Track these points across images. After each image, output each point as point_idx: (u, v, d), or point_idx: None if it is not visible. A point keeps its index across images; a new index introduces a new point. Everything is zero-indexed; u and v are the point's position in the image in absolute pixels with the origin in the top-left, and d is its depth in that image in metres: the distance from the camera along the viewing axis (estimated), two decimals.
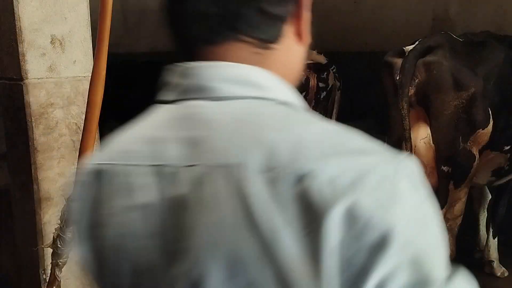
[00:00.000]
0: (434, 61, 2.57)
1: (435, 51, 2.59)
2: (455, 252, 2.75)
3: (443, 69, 2.54)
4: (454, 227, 2.75)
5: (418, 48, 2.61)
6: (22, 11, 2.09)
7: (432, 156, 2.65)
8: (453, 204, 2.69)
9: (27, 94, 2.16)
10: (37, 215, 2.24)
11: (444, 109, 2.56)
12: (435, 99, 2.58)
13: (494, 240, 3.48)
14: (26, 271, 2.44)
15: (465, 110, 2.54)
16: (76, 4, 2.24)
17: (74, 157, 2.16)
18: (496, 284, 3.45)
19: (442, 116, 2.57)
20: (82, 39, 2.28)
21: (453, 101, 2.53)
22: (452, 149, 2.60)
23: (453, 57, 2.58)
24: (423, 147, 2.66)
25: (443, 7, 5.14)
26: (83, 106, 1.82)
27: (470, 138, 2.58)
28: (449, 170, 2.62)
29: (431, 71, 2.56)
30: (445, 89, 2.54)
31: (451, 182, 2.65)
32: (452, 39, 2.73)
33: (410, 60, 2.58)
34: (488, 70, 2.61)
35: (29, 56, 2.13)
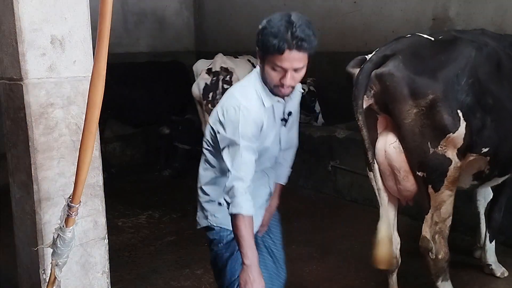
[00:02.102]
0: (385, 73, 2.49)
1: (389, 61, 2.51)
2: (448, 253, 2.74)
3: (396, 80, 2.47)
4: (445, 229, 2.72)
5: (373, 59, 2.56)
6: (22, 11, 2.09)
7: (404, 159, 2.61)
8: (438, 207, 2.66)
9: (27, 94, 2.16)
10: (37, 215, 2.24)
11: (404, 118, 2.50)
12: (393, 109, 2.53)
13: (491, 244, 3.49)
14: (26, 271, 2.44)
15: (428, 116, 2.48)
16: (76, 4, 2.24)
17: (74, 157, 2.16)
18: (496, 284, 3.46)
19: (404, 125, 2.52)
20: (82, 39, 2.28)
21: (412, 110, 2.48)
22: (421, 154, 2.55)
23: (408, 65, 2.48)
24: (393, 152, 2.62)
25: (443, 7, 5.13)
26: (83, 106, 1.82)
27: (440, 142, 2.52)
28: (424, 175, 2.59)
29: (383, 82, 2.50)
30: (400, 99, 2.48)
31: (430, 186, 2.62)
32: (416, 43, 2.65)
33: (364, 72, 2.53)
34: (456, 71, 2.50)
35: (29, 56, 2.13)
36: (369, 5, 5.77)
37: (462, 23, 4.93)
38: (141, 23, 7.36)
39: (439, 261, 2.73)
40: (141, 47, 7.27)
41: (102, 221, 2.48)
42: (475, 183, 2.91)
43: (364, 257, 3.86)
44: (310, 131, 5.60)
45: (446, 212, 2.68)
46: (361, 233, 4.33)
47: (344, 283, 3.48)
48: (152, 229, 4.55)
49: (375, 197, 4.84)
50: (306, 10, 6.42)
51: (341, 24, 6.06)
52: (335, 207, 5.05)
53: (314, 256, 3.90)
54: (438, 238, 2.71)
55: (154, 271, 3.71)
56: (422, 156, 2.55)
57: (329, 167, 5.31)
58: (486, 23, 4.62)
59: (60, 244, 1.77)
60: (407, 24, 5.44)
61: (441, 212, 2.67)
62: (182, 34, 7.93)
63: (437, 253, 2.71)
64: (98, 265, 2.48)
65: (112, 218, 4.69)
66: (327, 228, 4.45)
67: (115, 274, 3.54)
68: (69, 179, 2.26)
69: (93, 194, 2.42)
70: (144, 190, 5.54)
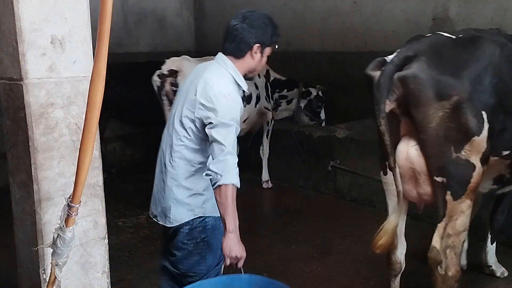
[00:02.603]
0: (409, 75, 2.37)
1: (412, 62, 2.39)
2: (460, 272, 2.54)
3: (420, 82, 2.35)
4: (458, 244, 2.52)
5: (394, 61, 2.43)
6: (22, 11, 2.09)
7: (425, 163, 2.49)
8: (454, 217, 2.48)
9: (27, 94, 2.16)
10: (37, 215, 2.24)
11: (428, 122, 2.38)
12: (417, 113, 2.40)
13: (492, 246, 3.48)
14: (26, 271, 2.44)
15: (452, 118, 2.36)
16: (76, 4, 2.24)
17: (74, 157, 2.16)
18: (496, 284, 3.47)
19: (428, 129, 2.39)
20: (82, 39, 2.28)
21: (437, 112, 2.36)
22: (443, 159, 2.42)
23: (432, 66, 2.37)
24: (415, 155, 2.50)
25: (443, 7, 5.14)
26: (83, 106, 1.82)
27: (464, 147, 2.39)
28: (444, 180, 2.44)
29: (407, 85, 2.38)
30: (425, 102, 2.36)
31: (448, 193, 2.46)
32: (438, 42, 2.54)
33: (386, 75, 2.41)
34: (479, 70, 2.39)
35: (29, 56, 2.13)
36: (369, 5, 5.77)
37: (462, 23, 4.94)
38: (141, 23, 7.36)
39: (448, 279, 2.51)
40: (141, 47, 7.27)
41: (102, 221, 2.48)
42: (494, 187, 2.82)
43: (364, 257, 3.87)
44: (310, 131, 5.60)
45: (462, 224, 2.50)
46: (361, 233, 4.33)
47: (344, 283, 3.48)
48: (152, 229, 4.55)
49: (374, 197, 4.88)
50: (306, 10, 6.43)
51: (341, 24, 6.06)
52: (335, 207, 5.05)
53: (314, 256, 3.89)
54: (450, 253, 2.51)
55: (154, 271, 3.70)
56: (443, 161, 2.42)
57: (329, 167, 5.31)
58: (486, 23, 4.62)
59: (60, 244, 1.77)
60: (407, 24, 5.44)
61: (456, 224, 2.49)
62: (182, 34, 7.93)
63: (446, 269, 2.51)
64: (98, 265, 2.48)
65: (112, 218, 4.69)
66: (327, 228, 4.45)
67: (115, 274, 3.53)
68: (69, 179, 2.26)
69: (93, 194, 2.42)
70: (144, 190, 5.49)
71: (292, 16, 6.57)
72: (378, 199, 4.89)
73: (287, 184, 5.84)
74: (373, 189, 4.93)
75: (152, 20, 7.50)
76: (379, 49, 5.72)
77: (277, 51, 2.52)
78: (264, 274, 3.61)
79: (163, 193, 2.42)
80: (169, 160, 2.37)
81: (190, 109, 2.29)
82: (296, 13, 6.54)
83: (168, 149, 2.39)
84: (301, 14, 6.49)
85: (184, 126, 2.31)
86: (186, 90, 2.38)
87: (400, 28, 5.52)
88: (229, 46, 2.36)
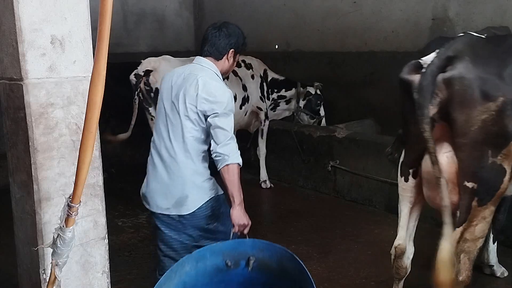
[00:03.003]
0: (456, 76, 2.25)
1: (456, 62, 2.28)
2: (470, 278, 2.50)
3: (466, 83, 2.24)
4: (473, 250, 2.47)
5: (435, 63, 2.30)
6: (22, 11, 2.09)
7: (455, 171, 2.40)
8: (474, 223, 2.41)
9: (27, 94, 2.16)
10: (37, 215, 2.24)
11: (470, 125, 2.27)
12: (460, 115, 2.28)
13: (494, 245, 3.48)
14: (26, 271, 2.44)
15: (496, 121, 2.25)
16: (76, 4, 2.24)
17: (74, 157, 2.16)
18: (496, 284, 3.47)
19: (469, 132, 2.28)
20: (82, 39, 2.28)
21: (480, 115, 2.25)
22: (478, 164, 2.32)
23: (477, 66, 2.26)
24: (445, 162, 2.41)
25: (442, 7, 5.14)
26: (83, 106, 1.82)
27: (502, 151, 2.30)
28: (474, 186, 2.34)
29: (452, 87, 2.27)
30: (470, 104, 2.25)
31: (475, 199, 2.37)
32: (473, 41, 2.43)
33: (428, 77, 2.29)
34: None
35: (29, 56, 2.13)
36: (369, 5, 5.78)
37: (462, 23, 4.94)
38: (141, 23, 7.36)
39: (458, 284, 2.45)
40: (141, 47, 7.27)
41: (102, 221, 2.48)
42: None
43: (364, 257, 3.87)
44: (310, 131, 5.61)
45: (481, 231, 2.45)
46: (361, 233, 4.34)
47: (344, 283, 3.49)
48: (152, 229, 4.55)
49: (374, 197, 4.89)
50: (306, 10, 6.43)
51: (341, 24, 6.07)
52: (335, 207, 5.05)
53: (314, 256, 3.90)
54: (464, 258, 2.46)
55: (154, 271, 3.70)
56: (478, 166, 2.33)
57: (329, 167, 5.31)
58: (486, 23, 4.62)
59: (60, 244, 1.77)
60: (407, 24, 5.44)
61: (476, 230, 2.43)
62: (182, 34, 7.94)
63: (458, 273, 2.44)
64: (98, 265, 2.48)
65: (112, 218, 4.69)
66: (327, 228, 4.45)
67: (115, 274, 3.53)
68: (69, 179, 2.26)
69: (93, 194, 2.42)
70: None
71: (292, 16, 6.57)
72: (378, 199, 4.90)
73: (287, 184, 5.84)
74: (373, 189, 4.93)
75: (151, 20, 7.50)
76: (378, 49, 5.73)
77: (277, 51, 2.56)
78: None
79: (174, 186, 2.65)
80: (180, 152, 2.63)
81: (193, 104, 2.58)
82: (296, 13, 6.54)
83: (175, 144, 2.64)
84: (300, 14, 6.49)
85: (191, 120, 2.60)
86: (177, 88, 2.65)
87: (400, 28, 5.52)
88: (210, 49, 2.73)
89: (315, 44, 6.33)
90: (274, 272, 2.29)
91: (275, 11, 6.75)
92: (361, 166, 5.00)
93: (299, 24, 6.52)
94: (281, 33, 6.69)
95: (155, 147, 2.72)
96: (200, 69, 2.70)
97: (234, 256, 2.35)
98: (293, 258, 2.17)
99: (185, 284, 2.30)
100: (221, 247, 2.41)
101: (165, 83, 2.76)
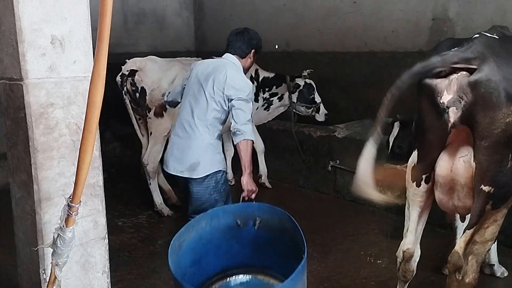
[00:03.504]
0: (482, 79, 2.22)
1: (479, 64, 2.25)
2: (476, 280, 2.48)
3: (493, 85, 2.21)
4: (482, 253, 2.47)
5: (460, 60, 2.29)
6: (22, 11, 2.09)
7: (471, 176, 2.38)
8: (485, 225, 2.41)
9: (27, 94, 2.16)
10: (37, 215, 2.24)
11: (494, 128, 2.24)
12: (483, 118, 2.25)
13: (494, 245, 3.48)
14: (26, 271, 2.44)
15: None
16: (76, 4, 2.24)
17: (74, 157, 2.16)
18: (496, 284, 3.47)
19: (491, 136, 2.25)
20: (82, 39, 2.28)
21: (505, 118, 2.23)
22: (498, 168, 2.30)
23: (501, 67, 2.23)
24: (462, 166, 2.40)
25: (442, 7, 5.14)
26: (83, 106, 1.82)
27: None
28: (491, 190, 2.32)
29: (478, 90, 2.24)
30: (495, 107, 2.22)
31: (490, 202, 2.36)
32: (490, 42, 2.39)
33: None
34: None
35: (29, 56, 2.13)
36: (369, 5, 5.77)
37: (462, 23, 4.94)
38: (141, 23, 7.36)
39: (464, 285, 2.45)
40: (141, 47, 7.27)
41: (102, 221, 2.48)
42: None
43: (364, 257, 3.87)
44: (310, 131, 5.61)
45: (491, 233, 2.44)
46: (361, 233, 4.34)
47: (344, 283, 3.49)
48: (152, 229, 4.56)
49: None
50: (306, 10, 6.43)
51: (341, 24, 6.07)
52: (335, 207, 5.05)
53: (314, 256, 3.89)
54: (472, 260, 2.46)
55: (154, 271, 3.71)
56: (497, 169, 2.31)
57: (329, 167, 5.31)
58: (486, 24, 4.63)
59: (60, 244, 1.77)
60: (407, 24, 5.44)
61: (486, 232, 2.43)
62: (182, 34, 7.94)
63: (464, 274, 2.45)
64: (98, 265, 2.48)
65: (112, 218, 4.69)
66: (327, 228, 4.45)
67: (115, 274, 3.54)
68: (69, 179, 2.26)
69: (93, 194, 2.42)
70: (144, 190, 5.53)
71: (292, 16, 6.57)
72: None
73: (287, 184, 5.84)
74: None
75: (152, 20, 7.50)
76: (378, 49, 5.73)
77: (277, 51, 2.56)
78: None
79: (191, 153, 3.19)
80: (201, 127, 3.18)
81: (220, 89, 3.14)
82: (296, 13, 6.54)
83: (197, 120, 3.19)
84: (301, 14, 6.49)
85: (216, 101, 3.16)
86: (207, 75, 3.22)
87: (400, 28, 5.52)
88: (236, 49, 3.35)
89: (315, 44, 6.33)
90: (276, 230, 2.70)
91: (275, 11, 6.75)
92: None
93: (299, 24, 6.52)
94: (281, 33, 6.69)
95: (180, 120, 3.27)
96: (228, 63, 3.29)
97: (243, 217, 2.77)
98: (290, 218, 2.59)
99: (201, 237, 2.67)
100: (232, 208, 2.84)
101: (196, 70, 3.34)
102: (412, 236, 2.72)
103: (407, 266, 2.73)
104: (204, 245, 2.70)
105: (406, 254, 2.71)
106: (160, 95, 4.63)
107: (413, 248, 2.71)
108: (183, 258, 2.51)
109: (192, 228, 2.66)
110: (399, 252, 2.74)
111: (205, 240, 2.72)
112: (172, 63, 4.94)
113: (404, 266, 2.74)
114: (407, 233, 2.74)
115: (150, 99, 4.69)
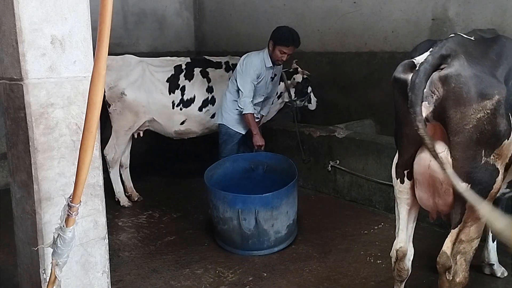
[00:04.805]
0: (452, 74, 2.24)
1: (452, 60, 2.28)
2: (467, 279, 2.48)
3: (463, 81, 2.23)
4: (469, 251, 2.45)
5: (429, 60, 2.30)
6: (22, 11, 2.09)
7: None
8: (469, 223, 2.41)
9: (27, 94, 2.16)
10: (37, 215, 2.24)
11: (465, 124, 2.26)
12: (454, 114, 2.27)
13: (493, 244, 3.48)
14: (26, 271, 2.45)
15: (490, 121, 2.25)
16: (76, 4, 2.25)
17: (74, 157, 2.17)
18: (496, 284, 3.47)
19: (463, 131, 2.27)
20: (82, 39, 2.28)
21: (476, 114, 2.24)
22: (472, 164, 2.31)
23: (471, 64, 2.26)
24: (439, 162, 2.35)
25: (442, 7, 5.14)
26: (83, 106, 1.82)
27: (494, 151, 2.30)
28: (468, 187, 2.30)
29: (449, 85, 2.26)
30: (466, 102, 2.24)
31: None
32: (464, 41, 2.43)
33: (421, 75, 2.28)
34: (507, 70, 2.32)
35: (29, 56, 2.13)
36: (369, 5, 5.77)
37: (462, 23, 4.94)
38: (141, 23, 7.36)
39: (455, 285, 2.44)
40: (141, 47, 7.27)
41: (102, 221, 2.48)
42: (507, 191, 2.78)
43: (364, 257, 3.87)
44: (310, 131, 5.61)
45: (476, 231, 2.43)
46: (361, 233, 4.34)
47: (344, 283, 3.49)
48: (152, 229, 4.56)
49: (374, 197, 4.89)
50: (306, 10, 6.43)
51: (341, 24, 6.07)
52: (335, 207, 5.05)
53: (314, 256, 3.90)
54: (460, 259, 2.46)
55: (154, 271, 3.71)
56: (472, 166, 2.31)
57: (329, 167, 5.31)
58: (486, 24, 4.63)
59: (60, 244, 1.77)
60: (407, 24, 5.44)
61: (470, 231, 2.42)
62: (182, 34, 7.93)
63: (455, 274, 2.44)
64: (98, 265, 2.49)
65: (112, 218, 4.70)
66: (327, 228, 4.45)
67: (115, 274, 3.54)
68: (69, 179, 2.26)
69: (93, 194, 2.42)
70: (144, 190, 5.54)
71: (292, 16, 6.57)
72: (378, 199, 4.90)
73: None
74: (373, 189, 4.93)
75: (152, 20, 7.50)
76: (378, 49, 5.73)
77: None
78: (264, 274, 3.63)
79: (221, 107, 4.92)
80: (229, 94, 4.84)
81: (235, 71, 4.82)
82: (296, 13, 6.54)
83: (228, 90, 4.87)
84: (301, 14, 6.49)
85: (233, 80, 4.77)
86: None
87: (400, 28, 5.52)
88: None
89: (315, 44, 6.33)
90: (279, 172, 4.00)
91: (275, 11, 6.75)
92: (361, 166, 5.00)
93: (299, 24, 6.51)
94: None
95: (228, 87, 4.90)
96: (258, 51, 4.73)
97: (255, 163, 4.29)
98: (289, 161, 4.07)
99: (225, 174, 4.23)
100: (248, 156, 4.53)
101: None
102: (404, 234, 2.71)
103: (402, 265, 2.73)
104: (228, 181, 4.11)
105: (399, 253, 2.71)
106: (119, 93, 4.89)
107: (406, 247, 2.71)
108: (213, 186, 3.87)
109: (219, 166, 4.24)
110: (393, 252, 2.75)
111: (229, 177, 4.18)
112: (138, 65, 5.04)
113: (398, 265, 2.75)
114: (399, 232, 2.74)
115: (110, 95, 4.90)
